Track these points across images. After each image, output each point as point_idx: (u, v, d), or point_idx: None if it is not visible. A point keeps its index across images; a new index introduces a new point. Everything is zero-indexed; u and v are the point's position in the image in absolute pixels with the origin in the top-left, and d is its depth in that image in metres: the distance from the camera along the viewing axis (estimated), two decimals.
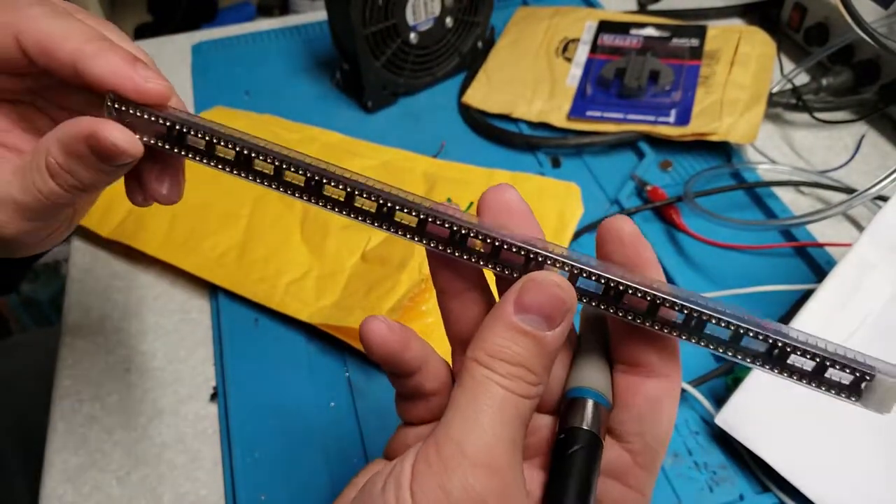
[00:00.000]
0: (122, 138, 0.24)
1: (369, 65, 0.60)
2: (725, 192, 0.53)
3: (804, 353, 0.21)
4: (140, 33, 1.51)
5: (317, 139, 0.60)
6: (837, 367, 0.20)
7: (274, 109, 0.63)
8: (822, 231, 0.51)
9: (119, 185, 0.28)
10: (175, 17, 1.63)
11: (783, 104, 0.61)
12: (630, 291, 0.21)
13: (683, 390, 0.42)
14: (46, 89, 0.28)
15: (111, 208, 0.53)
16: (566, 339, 0.23)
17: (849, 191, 0.53)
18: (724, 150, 0.58)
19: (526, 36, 0.69)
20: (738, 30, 0.66)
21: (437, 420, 0.24)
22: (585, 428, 0.22)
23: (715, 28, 0.66)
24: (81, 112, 0.26)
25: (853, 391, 0.21)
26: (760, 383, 0.39)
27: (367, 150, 0.59)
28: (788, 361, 0.21)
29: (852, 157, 0.56)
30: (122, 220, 0.53)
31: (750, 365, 0.22)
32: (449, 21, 0.63)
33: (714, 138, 0.56)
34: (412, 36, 0.61)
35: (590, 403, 0.23)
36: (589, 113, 0.60)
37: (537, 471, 0.24)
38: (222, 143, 0.24)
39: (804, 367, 0.21)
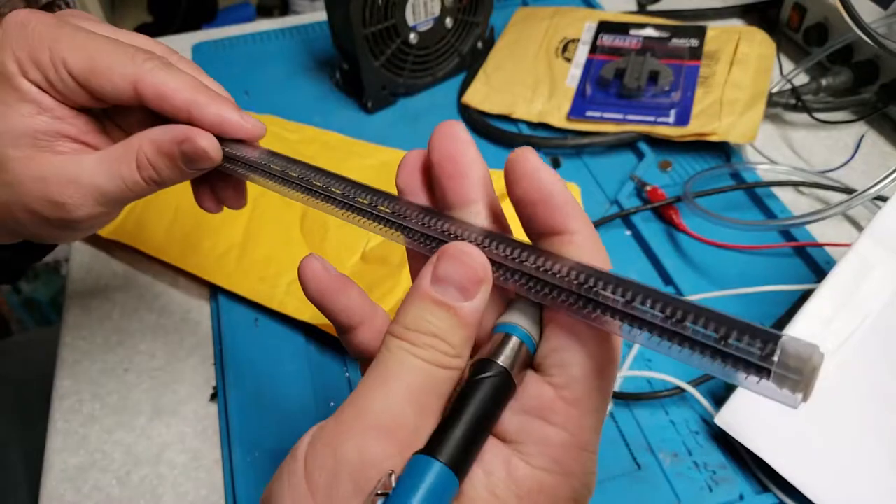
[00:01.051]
0: (212, 146, 0.30)
1: (369, 65, 0.60)
2: (725, 192, 0.53)
3: (705, 322, 0.18)
4: (140, 33, 1.51)
5: (316, 139, 0.60)
6: (743, 338, 0.18)
7: (274, 109, 0.63)
8: (821, 231, 0.51)
9: None
10: (175, 18, 1.63)
11: (783, 104, 0.61)
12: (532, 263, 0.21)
13: (683, 390, 0.42)
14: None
15: None
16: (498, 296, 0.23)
17: (848, 191, 0.53)
18: (723, 151, 0.58)
19: (526, 36, 0.69)
20: (737, 30, 0.66)
21: None
22: (497, 362, 0.21)
23: (714, 28, 0.66)
24: (143, 123, 0.32)
25: (760, 369, 0.18)
26: None
27: (366, 150, 0.59)
28: (687, 333, 0.18)
29: (852, 157, 0.56)
30: (123, 221, 0.53)
31: (647, 338, 0.19)
32: (449, 21, 0.63)
33: (713, 138, 0.56)
34: (412, 36, 0.61)
35: (512, 340, 0.22)
36: (589, 113, 0.60)
37: None
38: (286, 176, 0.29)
39: (705, 341, 0.18)
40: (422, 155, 0.25)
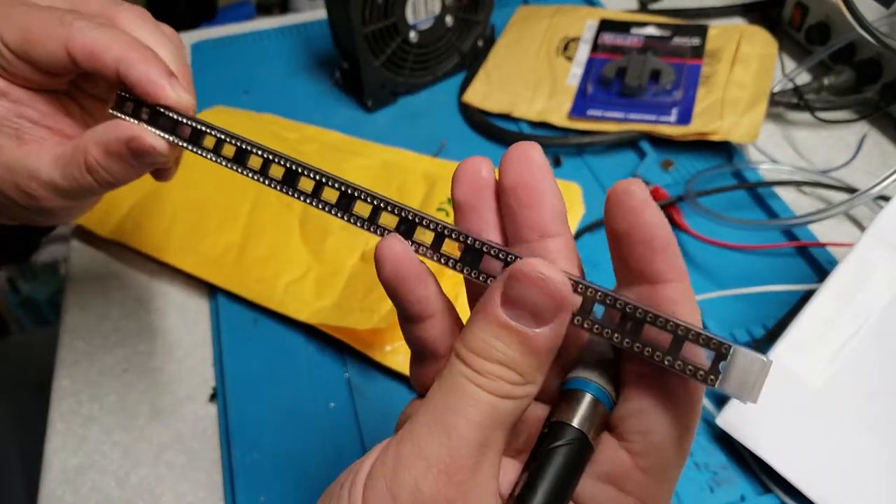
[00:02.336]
0: (160, 142, 0.29)
1: (369, 64, 0.60)
2: (727, 191, 0.53)
3: (662, 326, 0.19)
4: None
5: (316, 138, 0.60)
6: (698, 342, 0.19)
7: (273, 108, 0.63)
8: (823, 231, 0.51)
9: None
10: (175, 16, 1.63)
11: (784, 103, 0.61)
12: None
13: None
14: (82, 81, 0.33)
15: (110, 209, 0.53)
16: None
17: (850, 190, 0.53)
18: (725, 150, 0.57)
19: (526, 35, 0.69)
20: (739, 29, 0.65)
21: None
22: (573, 425, 0.20)
23: (716, 27, 0.66)
24: (106, 97, 0.31)
25: (712, 371, 0.19)
26: None
27: (366, 150, 0.59)
28: (644, 336, 0.19)
29: (854, 156, 0.56)
30: (121, 221, 0.53)
31: (604, 338, 0.20)
32: (449, 20, 0.63)
33: (715, 138, 0.56)
34: (412, 35, 0.61)
35: (586, 398, 0.20)
36: (590, 112, 0.60)
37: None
38: (228, 141, 0.28)
39: (661, 343, 0.19)
40: (482, 167, 0.23)
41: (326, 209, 0.25)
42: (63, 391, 0.46)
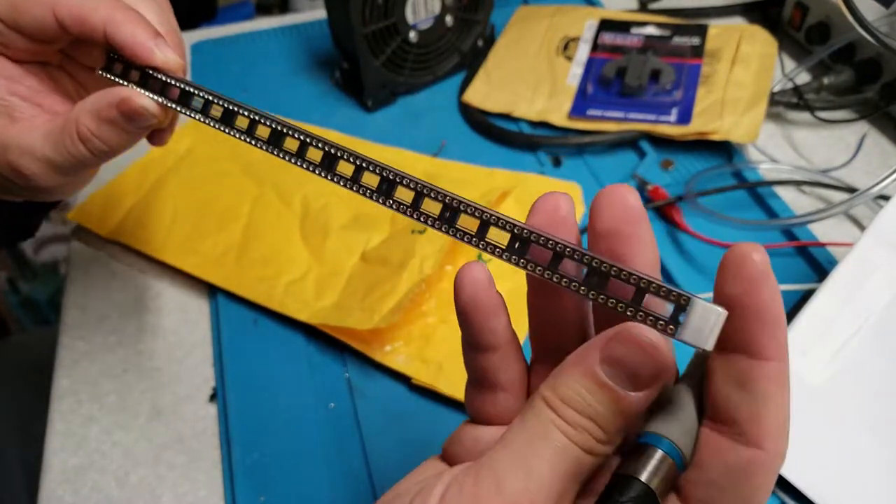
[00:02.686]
0: (150, 102, 0.29)
1: (369, 64, 0.60)
2: (727, 191, 0.53)
3: (626, 279, 0.20)
4: None
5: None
6: (659, 294, 0.19)
7: (273, 108, 0.62)
8: (823, 230, 0.51)
9: (117, 186, 0.30)
10: (175, 16, 1.62)
11: (784, 103, 0.61)
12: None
13: None
14: (73, 49, 0.33)
15: (110, 209, 0.53)
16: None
17: (850, 190, 0.53)
18: (725, 150, 0.57)
19: (526, 35, 0.69)
20: (739, 29, 0.65)
21: (499, 424, 0.24)
22: (641, 479, 0.20)
23: (716, 27, 0.66)
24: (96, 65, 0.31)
25: (672, 320, 0.19)
26: None
27: (366, 149, 0.58)
28: (609, 289, 0.20)
29: (854, 156, 0.56)
30: (122, 220, 0.53)
31: (570, 289, 0.21)
32: (449, 19, 0.63)
33: (715, 137, 0.56)
34: (412, 34, 0.61)
35: (657, 454, 0.20)
36: (590, 112, 0.60)
37: None
38: (217, 103, 0.28)
39: (624, 295, 0.20)
40: (563, 204, 0.23)
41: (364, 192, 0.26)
42: (63, 391, 0.46)
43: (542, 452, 0.19)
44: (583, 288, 0.21)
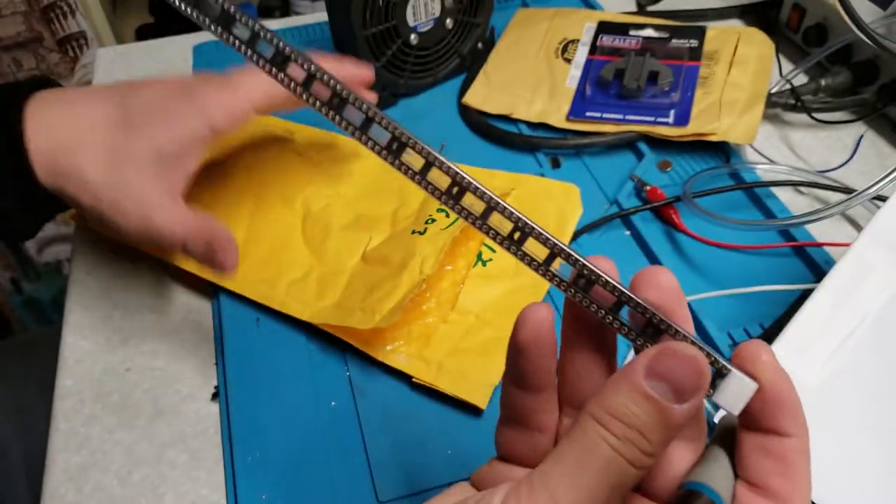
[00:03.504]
0: None
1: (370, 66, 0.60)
2: (724, 192, 0.54)
3: (673, 335, 0.22)
4: (141, 34, 1.52)
5: (319, 140, 0.60)
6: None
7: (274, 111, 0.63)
8: (820, 231, 0.51)
9: None
10: (177, 19, 1.63)
11: (782, 105, 0.61)
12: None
13: None
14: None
15: None
16: (691, 436, 0.23)
17: (847, 191, 0.53)
18: (722, 151, 0.58)
19: (526, 37, 0.69)
20: (736, 31, 0.66)
21: (530, 466, 0.24)
22: None
23: (714, 29, 0.66)
24: None
25: (711, 384, 0.21)
26: None
27: (367, 152, 0.59)
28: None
29: (851, 157, 0.56)
30: None
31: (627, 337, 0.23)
32: (449, 22, 0.63)
33: (713, 139, 0.57)
34: (412, 37, 0.61)
35: (703, 499, 0.21)
36: (588, 114, 0.60)
37: None
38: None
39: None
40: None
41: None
42: (66, 390, 0.46)
43: (591, 465, 0.20)
44: (639, 339, 0.23)
